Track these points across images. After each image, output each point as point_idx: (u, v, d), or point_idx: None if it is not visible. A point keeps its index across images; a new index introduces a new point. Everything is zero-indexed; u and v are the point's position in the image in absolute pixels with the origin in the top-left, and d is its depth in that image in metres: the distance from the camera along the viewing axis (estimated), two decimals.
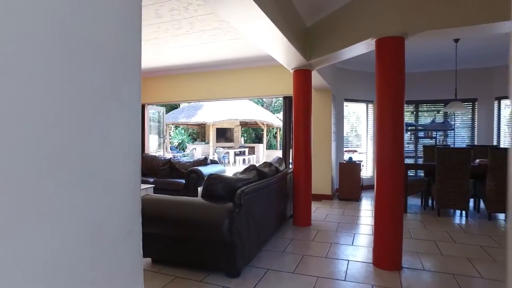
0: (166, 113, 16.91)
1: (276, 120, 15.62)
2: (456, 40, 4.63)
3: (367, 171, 7.28)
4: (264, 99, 19.93)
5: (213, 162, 6.46)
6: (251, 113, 14.51)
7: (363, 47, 3.35)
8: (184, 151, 15.00)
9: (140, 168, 0.92)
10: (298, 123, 4.31)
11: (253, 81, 6.46)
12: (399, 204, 2.87)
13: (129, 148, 0.86)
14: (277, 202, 3.74)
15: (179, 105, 17.77)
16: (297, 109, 4.32)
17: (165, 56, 5.89)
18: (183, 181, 5.64)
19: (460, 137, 6.89)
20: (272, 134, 19.22)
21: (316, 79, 4.88)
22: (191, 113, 14.02)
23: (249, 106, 15.18)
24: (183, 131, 18.05)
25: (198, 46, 5.22)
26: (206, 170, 5.73)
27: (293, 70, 4.30)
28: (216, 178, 2.80)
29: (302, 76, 4.27)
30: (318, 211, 5.16)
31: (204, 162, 6.15)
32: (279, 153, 16.10)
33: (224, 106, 14.06)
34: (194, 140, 18.38)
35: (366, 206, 5.52)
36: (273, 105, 20.21)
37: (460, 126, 6.92)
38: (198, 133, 18.48)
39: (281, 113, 6.57)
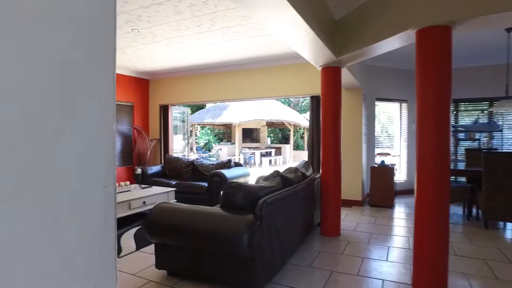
0: (191, 114, 17.02)
1: (303, 120, 15.23)
2: (509, 30, 4.12)
3: (401, 175, 6.79)
4: (291, 99, 19.57)
5: (237, 164, 6.26)
6: (278, 113, 14.22)
7: (400, 40, 3.00)
8: (210, 152, 14.97)
9: (115, 196, 0.68)
10: (327, 124, 3.99)
11: (279, 80, 6.19)
12: (443, 215, 2.49)
13: (96, 168, 0.62)
14: (303, 211, 3.46)
15: (205, 105, 17.81)
16: (326, 109, 4.01)
17: (189, 55, 5.76)
18: (206, 184, 5.47)
19: (510, 140, 6.24)
20: (299, 135, 18.82)
21: (346, 77, 4.54)
22: (216, 114, 13.95)
23: (276, 106, 14.90)
24: (209, 132, 18.07)
25: (221, 44, 5.03)
26: (229, 173, 5.53)
27: (321, 67, 3.99)
28: (235, 187, 2.57)
29: (330, 73, 3.95)
30: (347, 218, 4.81)
31: (227, 164, 5.96)
32: (306, 154, 15.71)
33: (250, 106, 13.87)
34: (220, 140, 18.36)
35: (400, 214, 5.09)
36: (300, 104, 19.79)
37: (507, 127, 6.27)
38: (224, 133, 18.44)
39: (309, 112, 6.25)
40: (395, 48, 3.38)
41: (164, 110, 7.58)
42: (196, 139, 17.72)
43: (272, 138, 18.45)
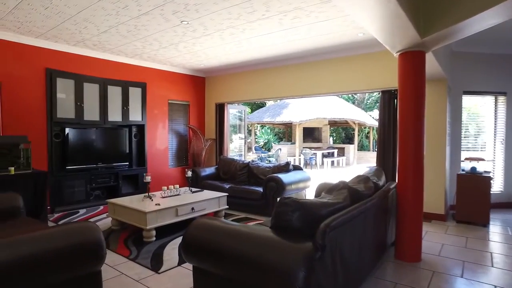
0: (251, 112, 16.80)
1: (369, 118, 14.02)
2: None
3: (495, 184, 5.58)
4: (355, 95, 18.29)
5: (296, 168, 5.68)
6: (341, 111, 13.25)
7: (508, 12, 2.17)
8: (269, 152, 14.56)
9: None
10: (406, 123, 3.22)
11: (344, 74, 5.45)
12: None
13: None
14: (375, 230, 2.78)
15: (265, 103, 17.47)
16: (404, 104, 3.24)
17: (244, 49, 5.33)
18: (261, 189, 5.00)
19: None
20: (364, 134, 17.49)
21: (430, 64, 3.69)
22: (276, 112, 13.47)
23: (339, 104, 13.93)
24: (269, 131, 17.69)
25: (279, 34, 4.50)
26: (287, 178, 4.98)
27: (399, 53, 3.23)
28: (290, 204, 2.02)
29: (412, 60, 3.16)
30: (429, 237, 3.95)
31: (285, 168, 5.41)
32: (371, 155, 14.45)
33: (312, 104, 13.13)
34: (280, 140, 17.87)
35: (501, 236, 4.06)
36: (365, 102, 18.39)
37: None
38: (284, 132, 17.89)
39: (375, 110, 5.39)
40: (499, 22, 2.54)
41: (220, 109, 7.30)
42: (256, 138, 17.48)
43: (334, 138, 17.42)
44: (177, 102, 7.01)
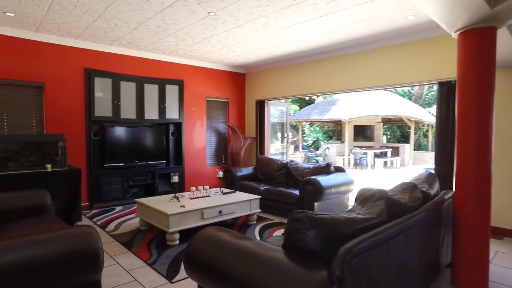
0: (299, 110, 16.27)
1: (427, 115, 12.71)
2: None
3: None
4: (411, 90, 16.81)
5: (338, 169, 5.15)
6: (395, 107, 12.18)
7: None
8: (317, 151, 13.94)
9: None
10: (466, 119, 2.60)
11: (393, 64, 4.80)
12: None
13: None
14: (422, 251, 2.25)
15: (314, 100, 16.82)
16: (465, 96, 2.62)
17: (281, 41, 4.96)
18: (298, 192, 4.59)
19: None
20: (421, 133, 15.99)
21: (501, 44, 2.97)
22: (324, 109, 12.82)
23: (393, 100, 12.84)
24: (318, 129, 17.02)
25: (315, 22, 4.05)
26: (326, 181, 4.51)
27: (459, 32, 2.61)
28: (303, 220, 1.62)
29: (477, 39, 2.53)
30: (498, 259, 3.23)
31: (325, 169, 4.93)
32: (429, 156, 13.10)
33: (362, 101, 12.25)
34: (329, 138, 17.10)
35: None
36: (423, 97, 16.79)
37: None
38: (334, 131, 17.07)
39: (434, 106, 4.65)
40: None
41: (260, 106, 6.99)
42: (304, 137, 16.92)
43: (388, 137, 16.19)
44: (215, 100, 6.85)
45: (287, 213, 4.58)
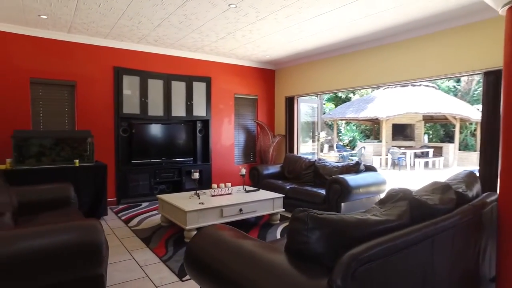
0: (335, 107, 15.76)
1: (476, 112, 11.70)
2: None
3: None
4: (457, 86, 15.63)
5: (369, 168, 4.83)
6: (439, 104, 11.34)
7: None
8: (353, 150, 13.40)
9: None
10: None
11: (430, 54, 4.39)
12: None
13: None
14: (457, 261, 1.95)
15: (351, 98, 16.24)
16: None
17: (307, 34, 4.74)
18: (325, 192, 4.35)
19: None
20: (468, 132, 14.80)
21: None
22: (360, 107, 12.27)
23: (436, 96, 11.97)
24: (354, 128, 16.40)
25: (341, 10, 3.79)
26: (354, 180, 4.23)
27: (508, 6, 2.25)
28: (305, 220, 1.43)
29: None
30: None
31: (355, 168, 4.64)
32: (477, 156, 12.05)
33: (402, 98, 11.56)
34: (367, 137, 16.42)
35: None
36: (471, 93, 15.53)
37: None
38: (371, 130, 16.35)
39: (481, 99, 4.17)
40: None
41: (290, 103, 6.79)
42: (340, 135, 16.39)
43: (430, 136, 15.18)
44: (244, 97, 6.76)
45: None
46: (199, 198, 3.89)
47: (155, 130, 5.61)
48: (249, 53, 5.91)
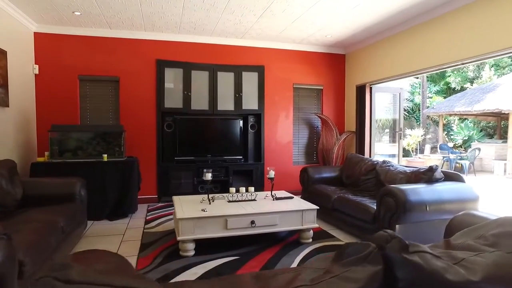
0: (444, 99, 13.08)
1: None
2: None
3: None
4: None
5: (452, 177, 3.41)
6: None
7: None
8: (464, 152, 10.78)
9: None
10: None
11: None
12: None
13: None
14: None
15: (463, 88, 13.26)
16: None
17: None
18: (375, 206, 3.22)
19: None
20: None
21: None
22: (475, 98, 9.74)
23: None
24: (471, 125, 13.35)
25: None
26: (417, 193, 2.97)
27: None
28: None
29: None
30: None
31: (426, 175, 3.31)
32: None
33: None
34: (489, 136, 13.15)
35: None
36: None
37: None
38: (495, 127, 12.98)
39: None
40: None
41: (360, 92, 5.61)
42: (451, 134, 13.56)
43: None
44: (305, 87, 5.87)
45: (362, 232, 3.33)
46: (209, 204, 3.30)
47: (200, 125, 5.25)
48: (305, 34, 5.01)
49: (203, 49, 5.20)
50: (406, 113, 10.66)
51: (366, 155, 5.49)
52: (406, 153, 11.11)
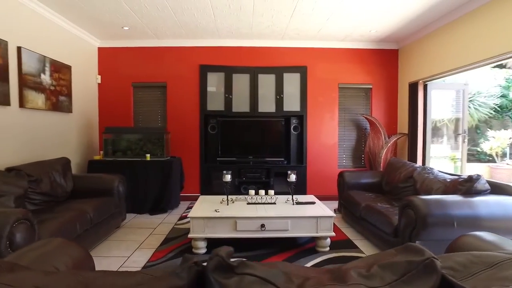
0: None
1: None
2: None
3: None
4: None
5: (499, 188, 2.89)
6: None
7: None
8: None
9: None
10: None
11: None
12: None
13: None
14: None
15: None
16: None
17: None
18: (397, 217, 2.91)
19: None
20: None
21: None
22: None
23: None
24: None
25: None
26: (441, 205, 2.60)
27: None
28: None
29: None
30: None
31: (465, 186, 2.87)
32: None
33: None
34: None
35: None
36: None
37: None
38: None
39: None
40: None
41: (413, 91, 5.10)
42: None
43: None
44: (352, 86, 5.57)
45: (384, 245, 3.08)
46: (227, 205, 3.39)
47: (242, 126, 5.38)
48: (346, 31, 4.77)
49: (243, 52, 5.33)
50: (494, 112, 9.23)
51: (418, 159, 4.98)
52: (487, 157, 9.64)
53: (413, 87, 5.08)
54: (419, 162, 4.98)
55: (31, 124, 3.66)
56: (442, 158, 5.75)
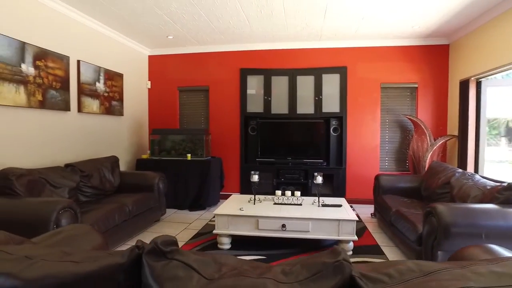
0: None
1: None
2: None
3: None
4: None
5: None
6: None
7: None
8: None
9: None
10: None
11: None
12: None
13: None
14: None
15: None
16: None
17: None
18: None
19: None
20: None
21: None
22: None
23: None
24: None
25: None
26: (466, 214, 2.43)
27: None
28: None
29: None
30: None
31: (503, 194, 2.62)
32: None
33: None
34: None
35: None
36: None
37: None
38: None
39: None
40: None
41: (463, 89, 4.71)
42: None
43: None
44: (396, 86, 5.33)
45: (410, 253, 2.96)
46: (254, 204, 3.53)
47: (282, 128, 5.47)
48: (385, 29, 4.59)
49: (281, 55, 5.41)
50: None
51: (469, 164, 4.59)
52: None
53: (464, 85, 4.69)
54: (470, 167, 4.59)
55: (87, 127, 4.19)
56: (506, 162, 5.21)
